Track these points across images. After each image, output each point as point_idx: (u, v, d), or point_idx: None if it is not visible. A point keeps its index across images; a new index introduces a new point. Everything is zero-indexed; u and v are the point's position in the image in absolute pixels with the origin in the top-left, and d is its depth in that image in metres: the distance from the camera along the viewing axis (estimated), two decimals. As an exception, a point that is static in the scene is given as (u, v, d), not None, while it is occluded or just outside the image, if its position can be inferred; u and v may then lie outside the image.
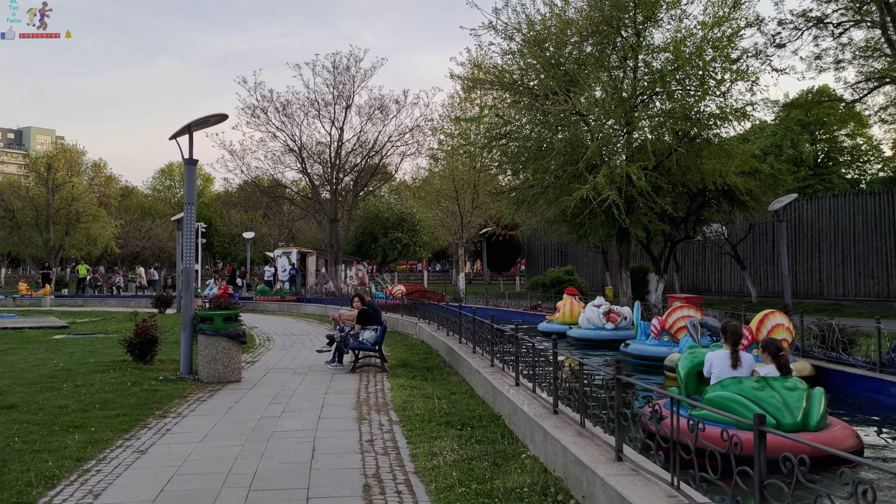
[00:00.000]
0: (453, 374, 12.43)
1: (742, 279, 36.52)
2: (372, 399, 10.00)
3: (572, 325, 19.22)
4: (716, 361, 7.98)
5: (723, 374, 7.84)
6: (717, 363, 7.95)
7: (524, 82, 24.33)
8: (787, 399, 7.40)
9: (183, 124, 11.58)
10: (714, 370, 7.95)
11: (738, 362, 7.87)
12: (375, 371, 12.77)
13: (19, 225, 49.28)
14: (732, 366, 7.85)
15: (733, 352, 7.94)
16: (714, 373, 7.93)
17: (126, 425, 8.18)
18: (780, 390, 7.50)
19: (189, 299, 11.80)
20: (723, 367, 7.88)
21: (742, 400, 7.31)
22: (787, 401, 7.38)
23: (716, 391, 7.58)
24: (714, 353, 8.10)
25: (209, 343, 11.43)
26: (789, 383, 7.63)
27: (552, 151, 21.95)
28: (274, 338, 19.89)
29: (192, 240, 11.82)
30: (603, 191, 20.85)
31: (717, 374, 7.89)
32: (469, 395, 10.18)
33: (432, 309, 18.19)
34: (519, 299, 32.08)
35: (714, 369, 7.95)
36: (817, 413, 7.45)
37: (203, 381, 11.43)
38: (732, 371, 7.82)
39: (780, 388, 7.54)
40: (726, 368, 7.85)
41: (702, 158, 22.05)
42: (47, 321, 24.86)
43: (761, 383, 7.59)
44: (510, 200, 26.67)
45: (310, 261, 41.61)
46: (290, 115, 39.27)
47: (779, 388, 7.53)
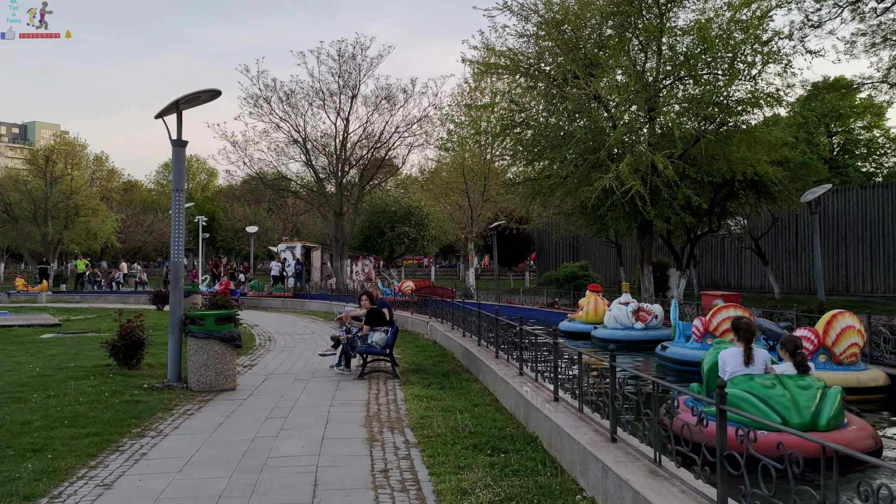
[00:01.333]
0: (473, 381, 11.14)
1: (763, 275, 35.11)
2: (384, 413, 8.71)
3: (597, 325, 17.87)
4: (729, 359, 7.85)
5: (736, 371, 7.70)
6: (731, 361, 7.82)
7: (540, 67, 22.99)
8: (798, 398, 7.30)
9: (170, 101, 10.30)
10: (727, 368, 7.80)
11: (752, 359, 7.72)
12: (386, 377, 11.49)
13: (17, 219, 48.03)
14: (745, 363, 7.70)
15: (746, 349, 7.77)
16: (727, 371, 7.80)
17: (94, 448, 6.91)
18: (792, 388, 7.38)
19: (177, 297, 10.52)
20: (736, 365, 7.74)
21: (749, 397, 7.24)
22: (797, 399, 7.28)
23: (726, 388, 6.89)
24: (727, 351, 7.98)
25: (199, 347, 10.15)
26: (803, 382, 7.50)
27: (571, 139, 20.60)
28: (275, 337, 18.64)
29: (181, 231, 10.55)
30: (626, 181, 19.52)
31: (730, 372, 7.75)
32: (494, 408, 8.89)
33: (445, 307, 16.90)
34: (533, 295, 30.75)
35: (727, 367, 7.81)
36: (829, 413, 7.30)
37: (193, 389, 10.16)
38: (745, 368, 7.68)
39: (793, 386, 7.42)
40: (739, 366, 7.71)
41: (731, 146, 20.66)
42: (39, 318, 23.71)
43: (773, 381, 7.47)
44: (524, 192, 25.34)
45: (314, 255, 40.34)
46: (293, 105, 37.96)
47: (791, 387, 7.40)
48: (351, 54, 37.20)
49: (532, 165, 24.18)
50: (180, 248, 10.56)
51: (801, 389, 7.38)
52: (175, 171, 10.55)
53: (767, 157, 20.58)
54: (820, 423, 7.23)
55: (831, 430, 7.21)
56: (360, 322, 12.06)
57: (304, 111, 38.02)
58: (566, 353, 7.33)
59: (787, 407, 7.20)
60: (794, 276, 34.15)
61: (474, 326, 13.28)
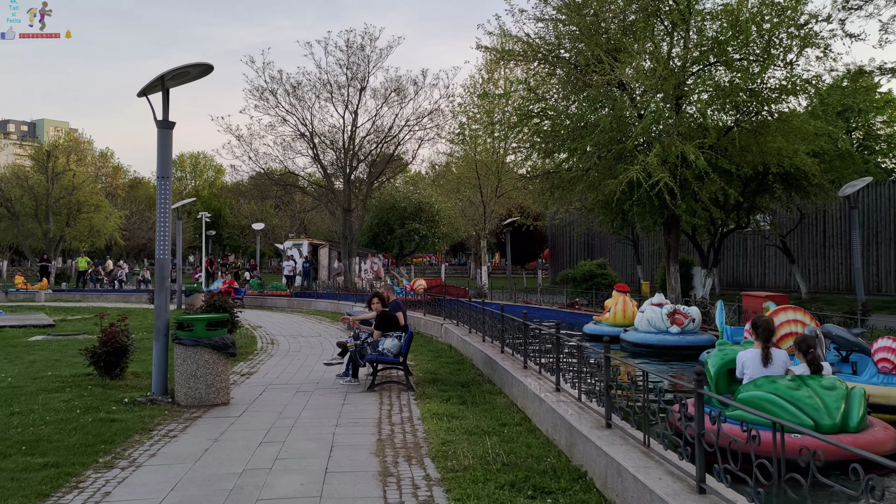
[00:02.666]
0: (497, 393, 9.87)
1: (788, 273, 33.72)
2: (398, 435, 7.46)
3: (626, 328, 16.53)
4: (747, 361, 7.63)
5: (755, 373, 7.50)
6: (749, 362, 7.60)
7: (559, 53, 21.67)
8: (826, 399, 7.13)
9: (155, 76, 9.05)
10: (746, 370, 7.61)
11: (770, 360, 7.53)
12: (399, 389, 10.22)
13: (17, 215, 46.87)
14: (763, 363, 7.52)
15: (764, 349, 7.57)
16: (746, 373, 7.60)
17: (49, 485, 5.67)
18: (818, 390, 7.21)
19: (163, 299, 9.28)
20: (755, 366, 7.54)
21: (777, 400, 7.04)
22: (826, 401, 7.12)
23: (749, 391, 7.29)
24: (746, 352, 7.74)
25: (188, 356, 8.92)
26: (827, 382, 7.33)
27: (594, 129, 19.28)
28: (279, 340, 17.42)
29: (167, 224, 9.31)
30: (654, 173, 18.20)
31: (749, 374, 7.56)
32: (527, 430, 7.62)
33: (462, 308, 15.63)
34: (551, 295, 29.43)
35: (746, 369, 7.61)
36: (857, 414, 7.14)
37: (180, 404, 8.93)
38: (764, 370, 7.49)
39: (818, 387, 7.24)
40: (758, 367, 7.52)
41: (765, 136, 19.30)
42: (34, 319, 22.61)
43: (797, 382, 7.29)
44: (542, 186, 24.02)
45: (322, 253, 39.13)
46: (300, 98, 36.75)
47: (816, 388, 7.23)
48: (359, 45, 36.02)
49: (551, 157, 22.86)
50: (166, 243, 9.33)
51: (826, 390, 7.20)
52: (160, 157, 9.31)
53: (805, 147, 19.18)
54: (850, 424, 7.03)
55: (861, 432, 7.05)
56: (370, 326, 10.82)
57: (310, 104, 36.87)
58: (630, 371, 6.04)
59: (817, 409, 7.01)
60: (821, 274, 32.73)
61: (496, 330, 12.00)
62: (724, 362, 8.18)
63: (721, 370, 8.14)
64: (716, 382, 8.11)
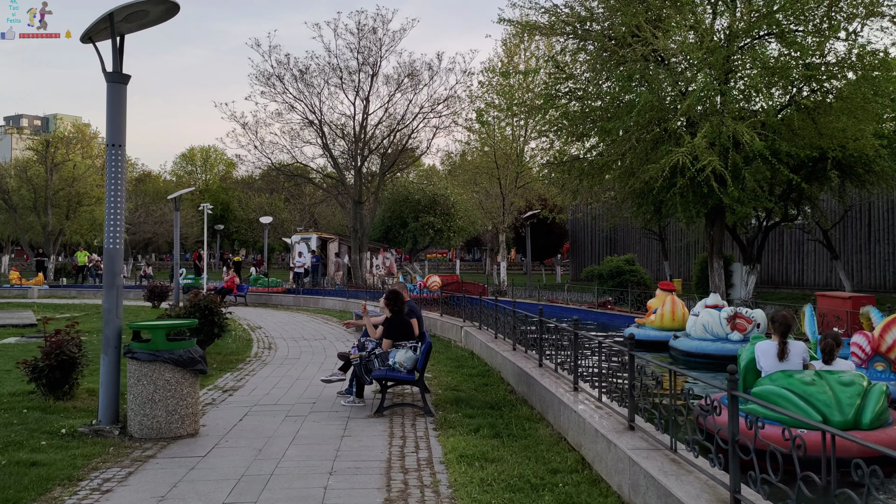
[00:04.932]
0: (537, 420, 7.82)
1: (829, 270, 31.40)
2: (414, 491, 5.42)
3: (677, 333, 14.37)
4: (764, 354, 7.50)
5: (771, 367, 7.39)
6: (764, 355, 7.48)
7: (591, 25, 19.57)
8: (840, 395, 6.96)
9: (102, 14, 7.04)
10: (762, 363, 7.48)
11: (786, 353, 7.36)
12: (415, 414, 8.19)
13: (15, 207, 45.05)
14: (779, 357, 7.36)
15: (781, 343, 7.42)
16: (762, 366, 7.48)
17: None
18: (834, 385, 7.04)
19: (114, 301, 7.26)
20: (770, 359, 7.41)
21: (787, 395, 6.94)
22: (839, 397, 6.95)
23: (763, 385, 7.22)
24: (762, 345, 7.61)
25: (143, 374, 6.94)
26: (846, 378, 7.14)
27: (633, 108, 17.18)
28: (278, 343, 15.47)
29: (119, 205, 7.28)
30: (701, 156, 16.09)
31: (765, 368, 7.44)
32: (588, 482, 5.59)
33: (486, 309, 13.58)
34: (579, 293, 27.31)
35: (762, 363, 7.49)
36: (872, 410, 6.93)
37: (133, 436, 6.95)
38: (780, 363, 7.36)
39: (835, 382, 7.07)
40: (773, 360, 7.39)
41: (827, 116, 17.13)
42: (16, 317, 20.85)
43: (813, 377, 7.13)
44: (569, 174, 21.89)
45: (331, 247, 37.16)
46: (309, 84, 34.77)
47: (832, 383, 7.06)
48: (371, 28, 34.00)
49: (581, 141, 20.73)
50: (118, 230, 7.30)
51: (842, 386, 7.03)
52: (110, 118, 7.29)
53: (873, 129, 16.97)
54: (863, 421, 6.88)
55: (875, 429, 6.84)
56: (376, 327, 8.79)
57: (319, 90, 34.89)
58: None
59: (828, 405, 6.87)
60: (865, 271, 30.39)
61: (530, 339, 9.96)
62: (752, 357, 7.82)
63: (750, 364, 7.81)
64: (744, 377, 7.81)
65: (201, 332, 12.33)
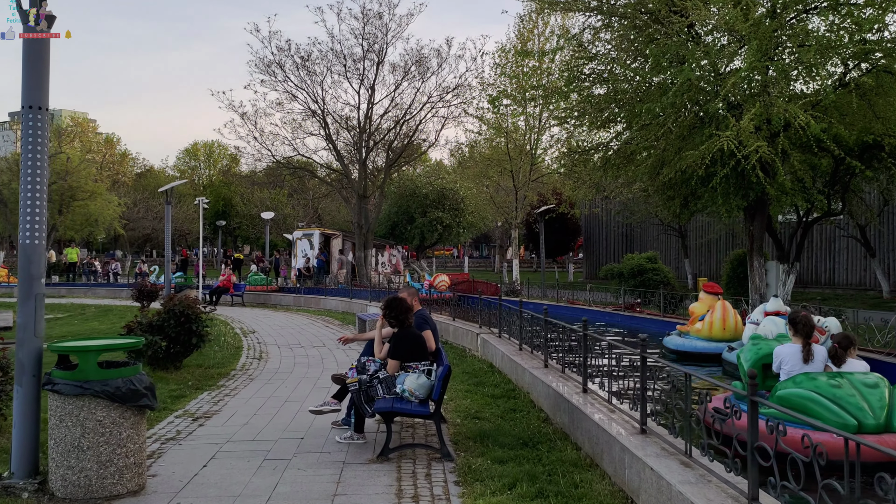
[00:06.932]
0: (586, 466, 6.02)
1: (863, 269, 29.55)
2: None
3: (731, 344, 12.50)
4: (786, 357, 7.19)
5: (794, 369, 7.05)
6: (788, 358, 7.16)
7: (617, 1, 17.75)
8: (869, 397, 6.66)
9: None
10: (784, 366, 7.16)
11: (811, 357, 7.06)
12: (429, 458, 6.39)
13: (5, 201, 43.34)
14: (804, 360, 7.05)
15: (805, 345, 7.11)
16: (784, 369, 7.14)
17: None
18: (860, 387, 6.74)
19: (30, 314, 5.48)
20: (794, 363, 7.08)
21: (817, 398, 6.63)
22: (869, 399, 6.65)
23: (787, 388, 6.90)
24: (784, 347, 7.32)
25: (68, 413, 5.17)
26: (869, 379, 6.86)
27: (669, 89, 15.35)
28: (270, 352, 13.73)
29: (41, 189, 5.50)
30: (747, 141, 14.24)
31: (787, 371, 7.10)
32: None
33: (507, 315, 11.78)
34: (603, 293, 25.46)
35: (785, 365, 7.16)
36: None
37: (55, 494, 5.19)
38: (805, 366, 7.03)
39: (860, 384, 6.77)
40: (798, 363, 7.05)
41: (887, 97, 15.28)
42: (-9, 319, 19.13)
43: (838, 380, 6.82)
44: (593, 165, 20.06)
45: (334, 244, 35.39)
46: (311, 71, 32.95)
47: (858, 385, 6.76)
48: (376, 12, 32.14)
49: (606, 128, 18.88)
50: (40, 221, 5.51)
51: (868, 388, 6.73)
52: (26, 73, 5.53)
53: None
54: (894, 424, 6.52)
55: None
56: (385, 348, 7.02)
57: (322, 78, 33.07)
58: None
59: (860, 408, 6.54)
60: (903, 271, 28.49)
61: (573, 356, 8.18)
62: (758, 357, 7.91)
63: (756, 365, 7.74)
64: None
65: (177, 342, 10.64)
